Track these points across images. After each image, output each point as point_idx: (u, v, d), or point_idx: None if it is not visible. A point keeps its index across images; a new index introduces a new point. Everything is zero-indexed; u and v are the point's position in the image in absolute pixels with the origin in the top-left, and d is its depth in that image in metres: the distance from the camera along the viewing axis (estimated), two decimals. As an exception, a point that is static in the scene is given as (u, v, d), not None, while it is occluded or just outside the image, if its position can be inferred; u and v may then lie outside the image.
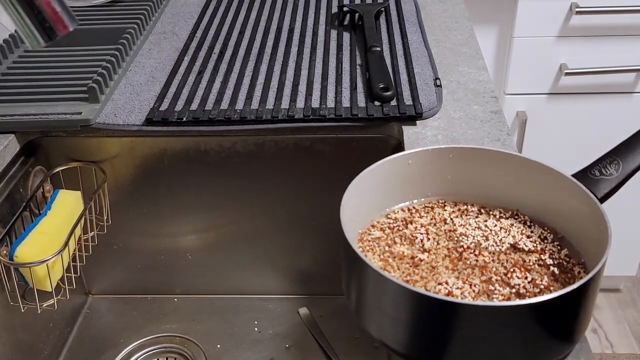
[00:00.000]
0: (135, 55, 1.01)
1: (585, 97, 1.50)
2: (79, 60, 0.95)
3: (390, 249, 0.62)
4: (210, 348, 0.94)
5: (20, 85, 0.90)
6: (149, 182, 0.91)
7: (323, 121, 0.83)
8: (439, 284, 0.57)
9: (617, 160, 0.60)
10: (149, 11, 1.11)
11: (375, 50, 0.95)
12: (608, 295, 1.88)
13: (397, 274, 0.59)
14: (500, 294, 0.56)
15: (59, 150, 0.88)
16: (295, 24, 1.09)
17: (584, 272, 0.58)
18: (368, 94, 0.87)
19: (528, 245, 0.61)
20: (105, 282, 1.03)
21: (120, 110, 0.87)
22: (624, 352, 1.72)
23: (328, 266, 0.97)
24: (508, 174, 0.65)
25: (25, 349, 0.86)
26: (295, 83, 0.90)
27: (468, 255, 0.60)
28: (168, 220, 0.96)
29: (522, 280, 0.57)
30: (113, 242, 0.97)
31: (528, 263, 0.60)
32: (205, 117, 0.84)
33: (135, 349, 0.94)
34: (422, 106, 0.83)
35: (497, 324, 0.50)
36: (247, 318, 0.99)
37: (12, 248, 0.74)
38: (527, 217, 0.65)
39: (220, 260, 0.99)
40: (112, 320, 1.00)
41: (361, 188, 0.62)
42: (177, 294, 1.03)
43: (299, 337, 0.95)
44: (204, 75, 0.94)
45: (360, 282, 0.55)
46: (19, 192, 0.83)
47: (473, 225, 0.64)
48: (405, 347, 0.54)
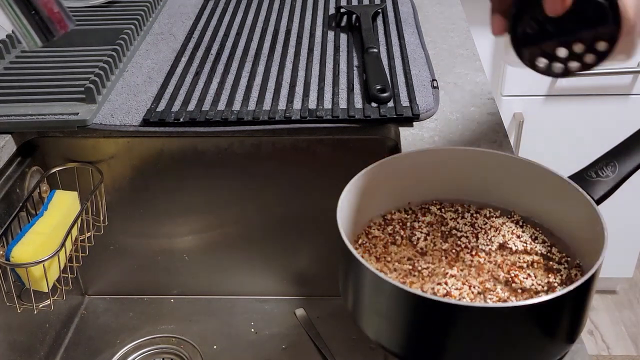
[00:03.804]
0: (133, 55, 1.01)
1: (582, 99, 1.50)
2: (76, 60, 0.95)
3: (387, 250, 0.62)
4: (206, 349, 0.94)
5: (17, 86, 0.90)
6: (146, 183, 0.91)
7: (320, 122, 0.83)
8: (437, 285, 0.57)
9: (613, 162, 0.60)
10: (146, 12, 1.11)
11: (372, 52, 0.95)
12: (604, 297, 1.88)
13: (393, 275, 0.59)
14: (496, 295, 0.56)
15: (55, 151, 0.88)
16: (292, 25, 1.09)
17: (580, 273, 0.58)
18: (365, 96, 0.87)
19: (527, 247, 0.61)
20: (102, 282, 1.03)
21: (117, 110, 0.87)
22: (620, 354, 1.72)
23: (325, 267, 0.97)
24: (505, 175, 0.65)
25: (22, 349, 0.86)
26: (292, 84, 0.90)
27: (465, 255, 0.60)
28: (165, 221, 0.96)
29: (519, 282, 0.57)
30: (110, 242, 0.97)
31: (526, 264, 0.60)
32: (202, 117, 0.84)
33: (132, 350, 0.94)
34: (419, 108, 0.83)
35: (493, 325, 0.50)
36: (244, 319, 0.99)
37: (9, 248, 0.74)
38: (522, 219, 0.65)
39: (217, 261, 0.99)
40: (108, 321, 0.99)
41: (358, 189, 0.62)
42: (174, 294, 1.03)
43: (295, 338, 0.95)
44: (201, 76, 0.94)
45: (357, 284, 0.55)
46: (16, 192, 0.83)
47: (470, 226, 0.64)
48: (402, 349, 0.54)
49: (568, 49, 0.48)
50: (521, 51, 0.50)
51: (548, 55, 0.48)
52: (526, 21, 0.48)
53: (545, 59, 0.49)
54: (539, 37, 0.48)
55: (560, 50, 0.48)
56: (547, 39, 0.48)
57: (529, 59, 0.49)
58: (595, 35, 0.46)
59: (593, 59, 0.48)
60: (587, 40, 0.47)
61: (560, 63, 0.48)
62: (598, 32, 0.46)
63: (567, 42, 0.47)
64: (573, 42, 0.47)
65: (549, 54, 0.48)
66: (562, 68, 0.49)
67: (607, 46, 0.47)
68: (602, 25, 0.46)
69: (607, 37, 0.46)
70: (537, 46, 0.48)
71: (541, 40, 0.48)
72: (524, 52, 0.49)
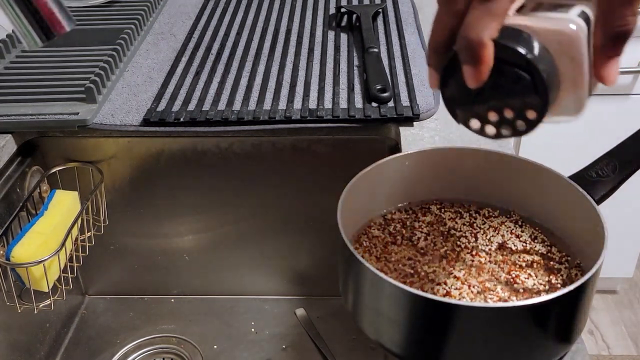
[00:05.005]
0: (133, 55, 1.01)
1: (582, 98, 1.50)
2: (77, 60, 0.95)
3: (387, 249, 0.62)
4: (206, 349, 0.94)
5: (18, 86, 0.90)
6: (146, 183, 0.91)
7: (320, 122, 0.83)
8: (437, 285, 0.57)
9: (614, 161, 0.60)
10: (147, 11, 1.11)
11: (372, 52, 0.95)
12: (605, 297, 1.88)
13: (393, 275, 0.59)
14: (496, 295, 0.56)
15: (56, 151, 0.88)
16: (292, 25, 1.09)
17: (580, 273, 0.58)
18: (365, 95, 0.87)
19: (527, 246, 0.61)
20: (102, 282, 1.03)
21: (117, 110, 0.86)
22: (620, 354, 1.72)
23: (325, 267, 0.97)
24: (505, 175, 0.65)
25: (22, 349, 0.86)
26: (293, 84, 0.90)
27: (465, 255, 0.60)
28: (165, 220, 0.96)
29: (520, 281, 0.57)
30: (110, 242, 0.97)
31: (526, 264, 0.60)
32: (203, 117, 0.84)
33: (132, 350, 0.94)
34: (419, 107, 0.83)
35: (494, 325, 0.50)
36: (244, 319, 0.99)
37: (9, 248, 0.74)
38: (522, 218, 0.65)
39: (217, 261, 0.99)
40: (108, 321, 0.99)
41: (358, 189, 0.62)
42: (174, 294, 1.03)
43: (295, 338, 0.95)
44: (202, 76, 0.94)
45: (357, 283, 0.55)
46: (16, 192, 0.83)
47: (469, 226, 0.64)
48: (402, 349, 0.54)
49: (499, 115, 0.45)
50: (454, 110, 0.47)
51: (480, 118, 0.46)
52: (454, 84, 0.45)
53: (478, 121, 0.46)
54: (468, 100, 0.45)
55: (491, 114, 0.45)
56: (477, 103, 0.45)
57: (462, 119, 0.47)
58: (523, 103, 0.44)
59: (524, 126, 0.45)
60: (516, 108, 0.45)
61: (492, 126, 0.46)
62: (526, 100, 0.44)
63: (498, 107, 0.45)
64: (503, 107, 0.45)
65: (481, 116, 0.46)
66: (494, 132, 0.47)
67: (536, 116, 0.44)
68: (528, 94, 0.43)
69: (534, 107, 0.44)
70: (468, 108, 0.46)
71: (471, 104, 0.46)
72: (457, 112, 0.47)
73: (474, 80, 0.43)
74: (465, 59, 0.43)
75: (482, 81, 0.43)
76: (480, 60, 0.42)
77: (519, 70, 0.43)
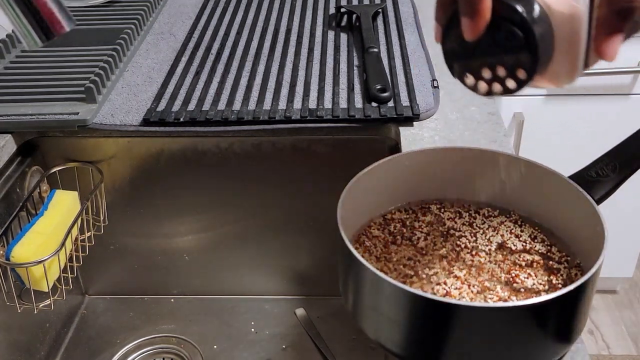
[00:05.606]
0: (133, 55, 1.01)
1: (582, 99, 1.50)
2: (76, 60, 0.95)
3: (387, 249, 0.62)
4: (206, 349, 0.94)
5: (18, 85, 0.90)
6: (146, 183, 0.91)
7: (320, 122, 0.83)
8: (437, 285, 0.57)
9: (613, 162, 0.60)
10: (147, 11, 1.11)
11: (372, 52, 0.95)
12: (605, 297, 1.88)
13: (393, 275, 0.59)
14: (496, 295, 0.56)
15: (56, 151, 0.88)
16: (292, 24, 1.09)
17: (580, 273, 0.58)
18: (365, 95, 0.87)
19: (527, 246, 0.61)
20: (102, 282, 1.03)
21: (117, 110, 0.87)
22: (620, 354, 1.72)
23: (325, 267, 0.97)
24: (505, 175, 0.65)
25: (22, 349, 0.86)
26: (293, 84, 0.90)
27: (465, 255, 0.60)
28: (165, 220, 0.96)
29: (520, 281, 0.57)
30: (110, 242, 0.97)
31: (525, 263, 0.60)
32: (203, 117, 0.84)
33: (132, 350, 0.94)
34: (419, 107, 0.83)
35: (494, 325, 0.50)
36: (244, 319, 0.99)
37: (9, 248, 0.74)
38: (522, 218, 0.65)
39: (217, 260, 0.99)
40: (108, 321, 0.99)
41: (358, 189, 0.62)
42: (174, 294, 1.03)
43: (295, 338, 0.95)
44: (202, 75, 0.94)
45: (357, 283, 0.55)
46: (16, 192, 0.83)
47: (468, 226, 0.64)
48: (402, 348, 0.54)
49: (492, 71, 0.47)
50: (452, 64, 0.49)
51: (474, 73, 0.47)
52: (454, 37, 0.47)
53: (472, 77, 0.48)
54: (465, 54, 0.47)
55: (485, 71, 0.47)
56: (473, 57, 0.47)
57: (458, 73, 0.49)
58: (515, 61, 0.45)
59: (514, 85, 0.46)
60: (508, 65, 0.46)
61: (485, 83, 0.47)
62: (518, 58, 0.45)
63: (491, 64, 0.46)
64: (497, 64, 0.46)
65: (475, 72, 0.47)
66: (486, 89, 0.48)
67: (526, 75, 0.45)
68: (520, 52, 0.45)
69: (525, 65, 0.45)
70: (465, 62, 0.48)
71: (468, 58, 0.47)
72: (454, 66, 0.49)
73: (470, 32, 0.45)
74: (463, 11, 0.45)
75: (478, 33, 0.45)
76: (477, 13, 0.44)
77: (513, 27, 0.44)
